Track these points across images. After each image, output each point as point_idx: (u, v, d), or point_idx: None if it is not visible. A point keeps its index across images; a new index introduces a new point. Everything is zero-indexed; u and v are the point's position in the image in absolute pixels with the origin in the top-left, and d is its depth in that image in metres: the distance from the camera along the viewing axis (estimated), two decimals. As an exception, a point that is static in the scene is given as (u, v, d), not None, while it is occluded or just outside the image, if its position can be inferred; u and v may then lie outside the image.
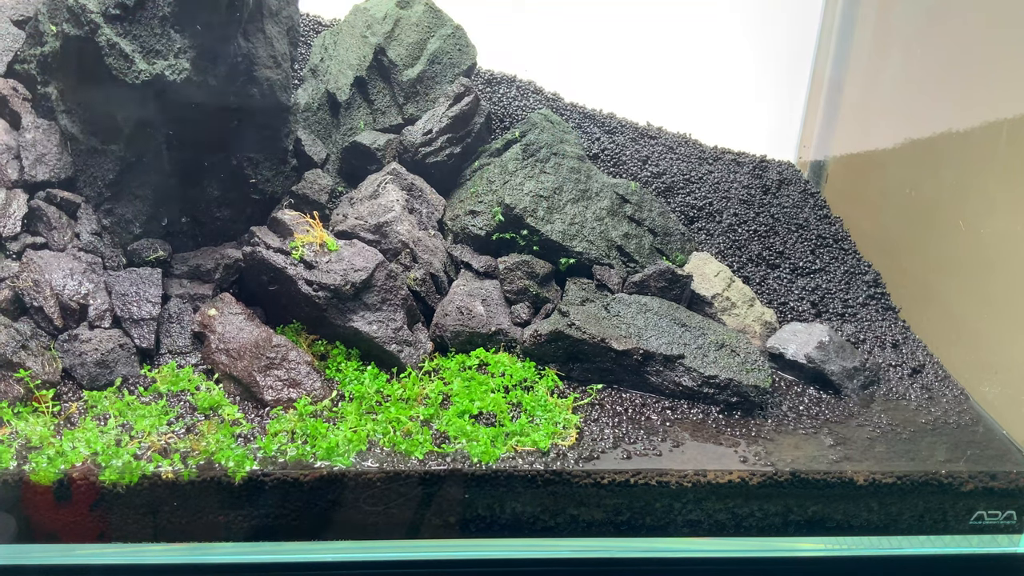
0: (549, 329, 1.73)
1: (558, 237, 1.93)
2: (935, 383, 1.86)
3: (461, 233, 1.98)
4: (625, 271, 1.97)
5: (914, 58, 2.16)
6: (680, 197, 2.27)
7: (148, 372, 1.65)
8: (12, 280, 1.66)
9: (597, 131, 2.35)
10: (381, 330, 1.72)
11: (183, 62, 1.66)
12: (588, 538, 1.54)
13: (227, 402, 1.59)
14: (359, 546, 1.51)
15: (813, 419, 1.70)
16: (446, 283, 1.90)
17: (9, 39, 1.96)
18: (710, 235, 2.22)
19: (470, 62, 2.23)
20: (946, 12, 2.03)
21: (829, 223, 2.31)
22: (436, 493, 1.48)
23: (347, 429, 1.52)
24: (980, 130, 1.87)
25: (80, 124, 1.78)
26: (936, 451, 1.61)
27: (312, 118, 2.12)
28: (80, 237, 1.78)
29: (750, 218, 2.26)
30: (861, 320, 2.08)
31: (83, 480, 1.39)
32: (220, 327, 1.68)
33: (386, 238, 1.88)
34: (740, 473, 1.51)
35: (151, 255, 1.79)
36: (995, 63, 1.84)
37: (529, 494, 1.49)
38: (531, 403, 1.63)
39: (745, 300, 2.00)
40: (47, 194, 1.79)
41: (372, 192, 1.97)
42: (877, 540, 1.59)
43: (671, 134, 2.44)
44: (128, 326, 1.68)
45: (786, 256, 2.20)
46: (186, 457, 1.43)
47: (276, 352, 1.64)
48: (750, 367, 1.73)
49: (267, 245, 1.76)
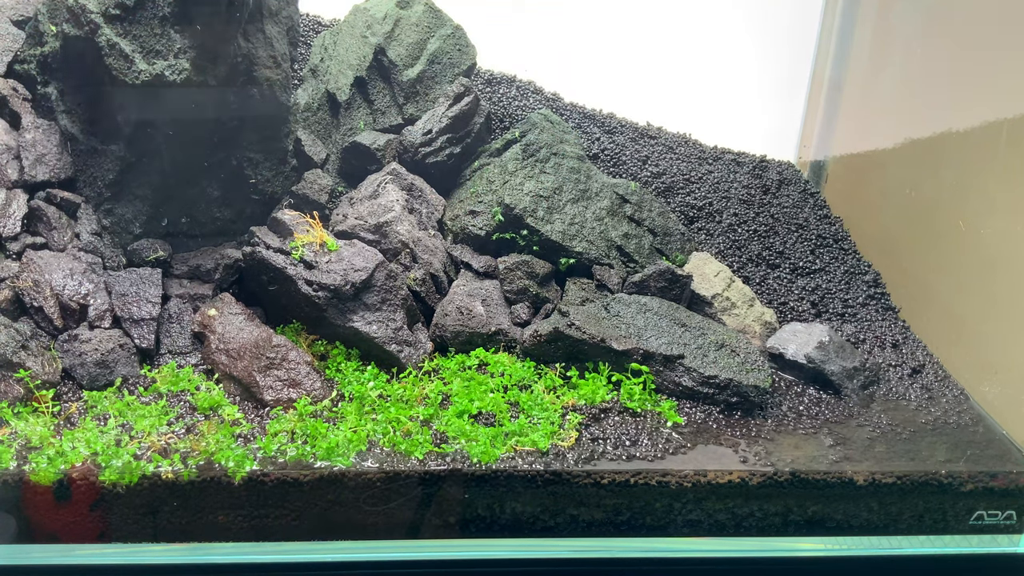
0: (549, 329, 1.73)
1: (558, 237, 1.93)
2: (935, 383, 1.86)
3: (461, 233, 1.98)
4: (625, 271, 1.97)
5: (914, 58, 2.16)
6: (680, 197, 2.27)
7: (148, 372, 1.65)
8: (12, 280, 1.66)
9: (597, 131, 2.35)
10: (381, 330, 1.72)
11: (183, 62, 1.66)
12: (588, 538, 1.54)
13: (227, 402, 1.59)
14: (359, 546, 1.51)
15: (813, 419, 1.70)
16: (446, 283, 1.90)
17: (9, 39, 1.96)
18: (710, 235, 2.22)
19: (470, 62, 2.23)
20: (946, 12, 2.03)
21: (829, 223, 2.31)
22: (436, 493, 1.48)
23: (347, 429, 1.52)
24: (980, 130, 1.87)
25: (80, 124, 1.78)
26: (936, 451, 1.61)
27: (312, 118, 2.12)
28: (80, 237, 1.78)
29: (750, 218, 2.26)
30: (861, 320, 2.08)
31: (83, 480, 1.39)
32: (220, 327, 1.68)
33: (386, 238, 1.89)
34: (740, 473, 1.51)
35: (151, 255, 1.79)
36: (995, 63, 1.84)
37: (529, 494, 1.49)
38: (529, 403, 1.63)
39: (745, 300, 2.00)
40: (47, 194, 1.80)
41: (372, 192, 1.98)
42: (877, 540, 1.59)
43: (671, 134, 2.44)
44: (128, 326, 1.68)
45: (786, 256, 2.20)
46: (186, 457, 1.43)
47: (276, 352, 1.64)
48: (750, 367, 1.73)
49: (267, 245, 1.76)
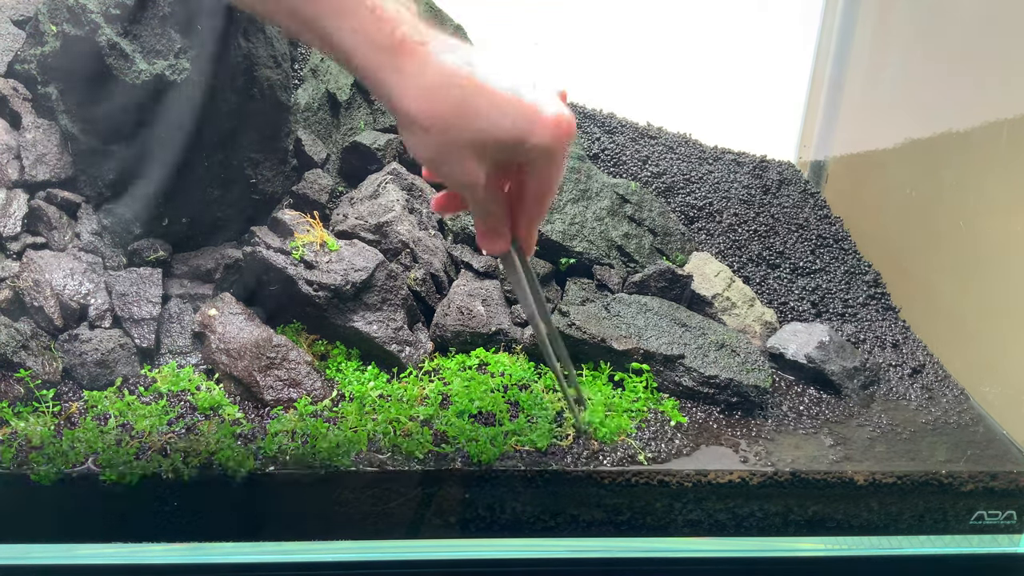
0: (549, 329, 1.73)
1: (558, 237, 1.93)
2: (935, 383, 1.86)
3: (461, 233, 1.98)
4: (625, 271, 1.97)
5: (914, 58, 2.16)
6: (680, 197, 2.27)
7: (148, 372, 1.65)
8: (12, 280, 1.66)
9: (597, 131, 2.35)
10: (381, 330, 1.72)
11: (183, 62, 1.66)
12: (588, 538, 1.54)
13: (227, 402, 1.59)
14: (359, 546, 1.51)
15: (813, 419, 1.70)
16: (446, 283, 1.90)
17: (9, 39, 1.96)
18: (710, 235, 2.22)
19: (470, 62, 2.23)
20: (947, 12, 2.03)
21: (829, 223, 2.31)
22: (436, 493, 1.48)
23: (347, 429, 1.52)
24: (980, 130, 1.87)
25: (80, 124, 1.78)
26: (936, 451, 1.61)
27: (312, 118, 2.12)
28: (80, 237, 1.78)
29: (750, 218, 2.26)
30: (861, 320, 2.08)
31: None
32: (220, 327, 1.68)
33: (386, 238, 1.89)
34: (740, 473, 1.51)
35: (151, 255, 1.79)
36: (995, 63, 1.84)
37: (528, 494, 1.49)
38: (528, 402, 1.63)
39: (745, 300, 2.00)
40: (47, 194, 1.80)
41: (372, 192, 1.98)
42: (877, 540, 1.60)
43: (671, 134, 2.44)
44: (128, 326, 1.68)
45: (786, 256, 2.20)
46: (186, 457, 1.43)
47: (276, 352, 1.64)
48: (750, 367, 1.73)
49: (267, 245, 1.76)
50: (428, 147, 1.09)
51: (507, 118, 1.05)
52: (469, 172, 1.10)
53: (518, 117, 1.05)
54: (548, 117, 1.06)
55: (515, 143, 1.06)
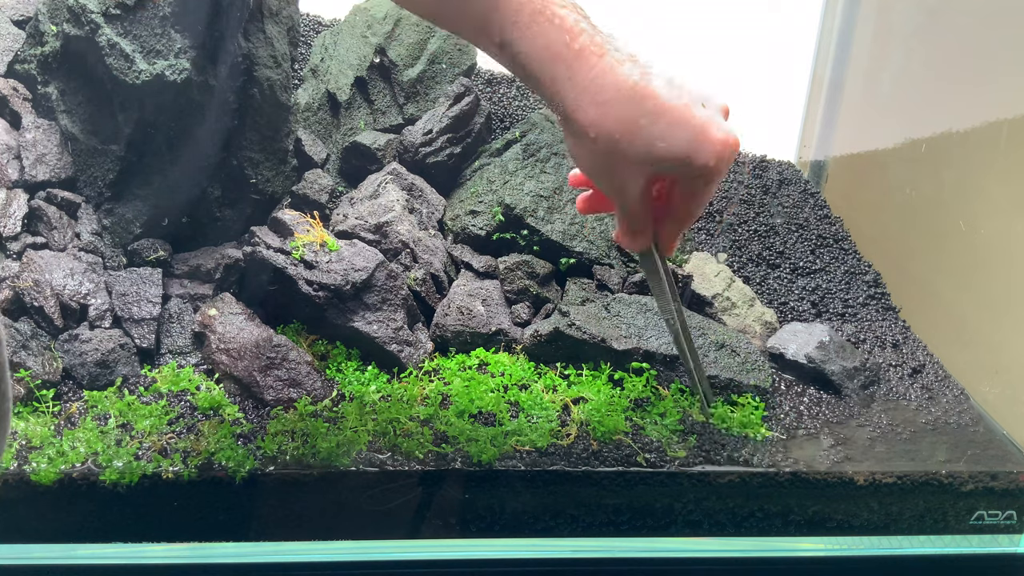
0: (550, 329, 1.73)
1: (558, 237, 1.93)
2: (935, 383, 1.86)
3: (461, 233, 1.98)
4: (625, 271, 1.97)
5: (914, 58, 2.16)
6: (680, 197, 2.27)
7: (148, 372, 1.65)
8: (12, 280, 1.66)
9: (597, 131, 2.35)
10: (381, 330, 1.72)
11: (183, 62, 1.66)
12: (588, 538, 1.54)
13: (227, 402, 1.59)
14: (359, 546, 1.51)
15: (813, 419, 1.70)
16: (446, 283, 1.90)
17: (9, 39, 1.96)
18: (710, 235, 2.22)
19: (470, 62, 2.23)
20: (946, 12, 2.03)
21: (829, 223, 2.31)
22: (436, 493, 1.48)
23: (347, 429, 1.52)
24: (980, 130, 1.87)
25: (80, 124, 1.78)
26: (936, 451, 1.61)
27: (312, 118, 2.12)
28: (80, 237, 1.78)
29: (750, 218, 2.26)
30: (861, 320, 2.08)
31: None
32: (220, 327, 1.68)
33: (386, 238, 1.89)
34: (740, 473, 1.51)
35: (151, 255, 1.79)
36: (995, 63, 1.84)
37: (528, 493, 1.49)
38: (528, 402, 1.63)
39: (745, 300, 2.00)
40: (47, 194, 1.80)
41: (372, 192, 1.98)
42: (877, 540, 1.60)
43: (671, 134, 2.44)
44: (128, 326, 1.68)
45: (786, 256, 2.20)
46: (186, 457, 1.43)
47: (276, 352, 1.64)
48: (750, 367, 1.73)
49: (267, 245, 1.76)
50: (593, 157, 1.10)
51: (677, 139, 1.06)
52: (628, 183, 1.11)
53: (688, 138, 1.06)
54: (716, 138, 1.06)
55: (680, 163, 1.07)
